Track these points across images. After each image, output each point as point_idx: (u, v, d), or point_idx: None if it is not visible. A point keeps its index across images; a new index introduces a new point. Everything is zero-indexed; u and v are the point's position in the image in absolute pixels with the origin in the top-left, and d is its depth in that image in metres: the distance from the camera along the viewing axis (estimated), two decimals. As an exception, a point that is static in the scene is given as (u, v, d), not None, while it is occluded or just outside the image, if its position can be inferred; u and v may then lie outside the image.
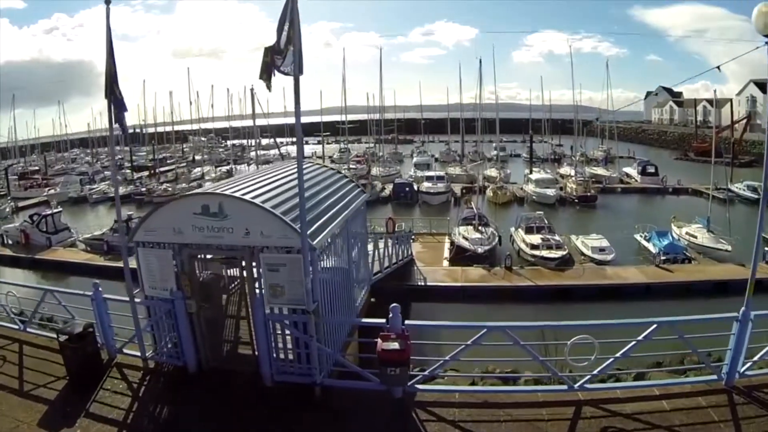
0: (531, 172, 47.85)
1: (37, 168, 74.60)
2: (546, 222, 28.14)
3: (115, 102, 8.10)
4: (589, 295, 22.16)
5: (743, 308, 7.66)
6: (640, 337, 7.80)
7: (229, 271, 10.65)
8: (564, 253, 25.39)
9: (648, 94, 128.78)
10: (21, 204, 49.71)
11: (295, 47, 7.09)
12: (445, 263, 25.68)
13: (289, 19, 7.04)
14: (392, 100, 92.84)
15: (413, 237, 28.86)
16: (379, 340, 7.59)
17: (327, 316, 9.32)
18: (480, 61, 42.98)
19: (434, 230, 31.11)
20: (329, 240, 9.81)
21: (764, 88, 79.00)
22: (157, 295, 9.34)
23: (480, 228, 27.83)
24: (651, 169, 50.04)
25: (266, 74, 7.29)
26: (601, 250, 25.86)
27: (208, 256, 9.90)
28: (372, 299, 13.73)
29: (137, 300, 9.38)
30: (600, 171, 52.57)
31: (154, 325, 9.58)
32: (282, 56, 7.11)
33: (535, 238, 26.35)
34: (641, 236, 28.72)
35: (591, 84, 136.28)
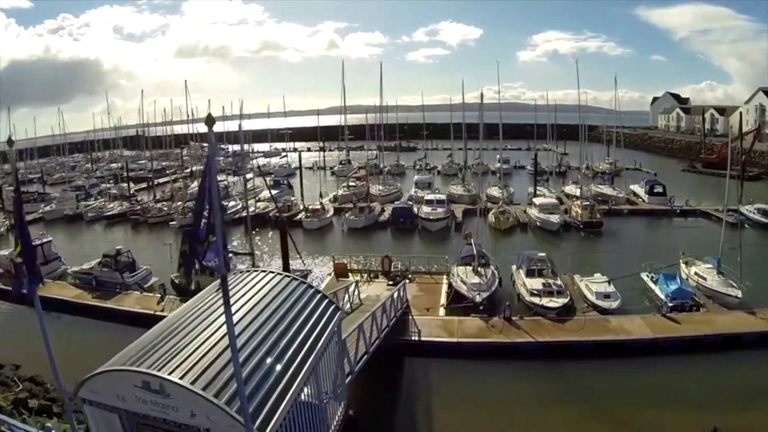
0: (535, 192, 46.46)
1: (35, 177, 74.03)
2: (549, 264, 26.96)
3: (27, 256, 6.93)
4: (591, 351, 21.14)
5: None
6: None
7: None
8: (566, 300, 24.22)
9: (654, 99, 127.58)
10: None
11: (219, 238, 5.65)
12: (442, 311, 24.59)
13: (208, 201, 5.62)
14: (394, 103, 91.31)
15: (409, 277, 27.92)
16: None
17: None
18: (482, 94, 43.15)
19: (433, 268, 29.96)
20: (290, 405, 8.69)
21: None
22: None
23: (479, 270, 26.68)
24: (659, 189, 48.51)
25: (185, 268, 5.92)
26: (606, 296, 24.68)
27: None
28: (350, 411, 12.21)
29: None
30: (606, 190, 51.05)
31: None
32: (204, 247, 5.70)
33: (536, 283, 25.19)
34: (648, 276, 27.59)
35: (596, 83, 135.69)
